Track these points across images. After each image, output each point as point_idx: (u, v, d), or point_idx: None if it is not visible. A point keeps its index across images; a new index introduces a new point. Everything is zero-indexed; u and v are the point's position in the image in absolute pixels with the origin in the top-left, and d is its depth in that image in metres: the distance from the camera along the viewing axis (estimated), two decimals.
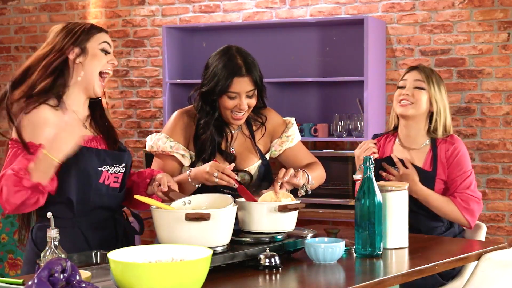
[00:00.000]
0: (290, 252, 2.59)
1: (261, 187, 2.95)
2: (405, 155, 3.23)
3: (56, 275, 1.77)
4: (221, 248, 2.38)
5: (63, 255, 2.09)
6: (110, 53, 2.64)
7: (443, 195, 3.16)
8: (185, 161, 2.94)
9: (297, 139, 3.10)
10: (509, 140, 4.89)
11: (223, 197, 2.54)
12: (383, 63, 5.11)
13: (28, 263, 2.62)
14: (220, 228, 2.34)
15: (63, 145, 2.32)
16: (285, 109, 5.21)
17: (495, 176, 4.93)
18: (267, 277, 2.34)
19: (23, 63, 2.61)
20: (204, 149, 2.92)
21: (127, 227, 2.73)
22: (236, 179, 2.69)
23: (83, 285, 1.82)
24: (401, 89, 3.24)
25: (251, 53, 2.96)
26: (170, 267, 1.93)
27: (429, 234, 3.13)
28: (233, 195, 2.59)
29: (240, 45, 2.98)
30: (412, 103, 3.19)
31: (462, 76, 4.98)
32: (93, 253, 2.40)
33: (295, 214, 2.62)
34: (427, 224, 3.16)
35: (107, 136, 2.68)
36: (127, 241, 2.68)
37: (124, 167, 2.67)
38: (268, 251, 2.41)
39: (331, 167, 3.13)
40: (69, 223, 2.56)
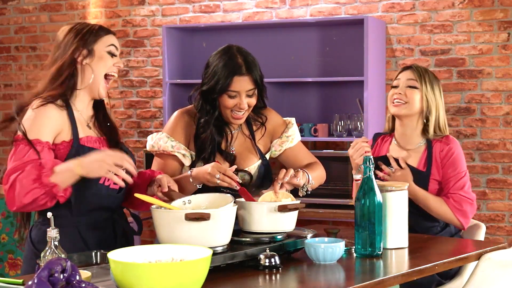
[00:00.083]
0: (290, 252, 2.59)
1: (261, 187, 2.95)
2: (401, 154, 3.24)
3: (56, 275, 1.77)
4: (221, 248, 2.38)
5: (63, 255, 2.10)
6: (116, 56, 2.66)
7: (437, 195, 3.16)
8: (186, 161, 2.94)
9: (297, 139, 3.10)
10: (509, 140, 4.89)
11: (223, 196, 2.54)
12: (383, 63, 5.11)
13: (27, 262, 2.63)
14: (220, 228, 2.34)
15: (95, 168, 2.41)
16: (285, 109, 5.21)
17: (495, 176, 4.93)
18: (267, 277, 2.34)
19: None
20: (204, 148, 2.92)
21: (125, 228, 2.73)
22: (237, 181, 2.69)
23: (83, 285, 1.82)
24: (395, 88, 3.25)
25: (251, 53, 2.96)
26: (170, 267, 1.93)
27: (424, 234, 3.13)
28: (233, 195, 2.59)
29: (240, 45, 2.98)
30: (405, 103, 3.20)
31: (462, 76, 4.98)
32: (93, 253, 2.40)
33: (295, 214, 2.62)
34: (423, 224, 3.16)
35: (109, 137, 2.69)
36: (126, 242, 2.68)
37: (124, 169, 2.67)
38: (268, 251, 2.41)
39: (331, 167, 3.13)
40: (67, 223, 2.56)
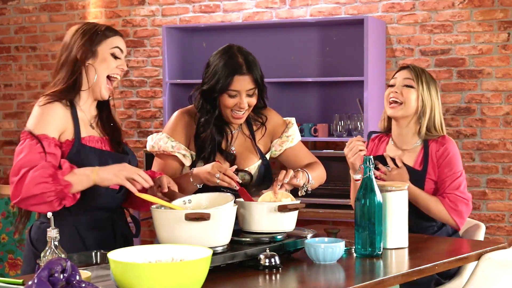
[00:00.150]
0: (290, 252, 2.59)
1: (261, 187, 2.94)
2: (397, 154, 3.24)
3: (56, 275, 1.77)
4: (221, 248, 2.38)
5: (63, 255, 2.10)
6: (120, 59, 2.67)
7: (433, 195, 3.16)
8: (186, 161, 2.94)
9: (297, 139, 3.10)
10: (509, 140, 4.89)
11: (223, 196, 2.54)
12: (383, 63, 5.11)
13: (26, 262, 2.65)
14: (220, 228, 2.34)
15: (111, 176, 2.45)
16: (285, 109, 5.21)
17: (495, 176, 4.93)
18: (267, 277, 2.34)
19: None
20: (204, 147, 2.92)
21: (124, 229, 2.73)
22: (237, 181, 2.69)
23: (83, 285, 1.82)
24: (391, 87, 3.24)
25: (251, 53, 2.96)
26: (170, 267, 1.93)
27: (421, 234, 3.12)
28: (234, 194, 2.59)
29: (240, 45, 2.98)
30: (401, 103, 3.19)
31: (462, 76, 4.98)
32: (93, 253, 2.39)
33: (295, 214, 2.62)
34: (419, 224, 3.15)
35: (112, 137, 2.70)
36: (125, 242, 2.69)
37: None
38: (268, 251, 2.41)
39: (331, 167, 3.13)
40: (66, 222, 2.57)
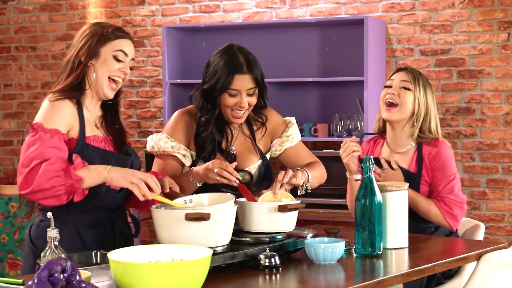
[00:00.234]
0: (290, 252, 2.59)
1: (261, 187, 2.94)
2: (392, 157, 3.23)
3: (56, 275, 1.78)
4: (221, 248, 2.38)
5: (63, 255, 2.10)
6: (123, 62, 2.67)
7: (428, 197, 3.16)
8: (186, 161, 2.94)
9: (297, 139, 3.10)
10: (509, 140, 4.89)
11: (224, 196, 2.54)
12: (383, 63, 5.11)
13: (26, 260, 2.67)
14: (220, 228, 2.34)
15: (120, 178, 2.46)
16: (285, 109, 5.21)
17: (495, 176, 4.93)
18: (267, 277, 2.34)
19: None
20: (204, 147, 2.92)
21: (123, 229, 2.73)
22: (237, 178, 2.69)
23: (83, 285, 1.82)
24: (388, 88, 3.23)
25: (252, 52, 2.96)
26: (170, 267, 1.93)
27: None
28: (234, 194, 2.59)
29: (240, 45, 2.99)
30: (397, 105, 3.18)
31: (462, 76, 4.98)
32: (93, 253, 2.40)
33: (295, 214, 2.62)
34: (416, 225, 3.14)
35: (116, 138, 2.71)
36: (125, 242, 2.69)
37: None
38: (268, 251, 2.41)
39: (331, 167, 3.12)
40: (65, 221, 2.58)
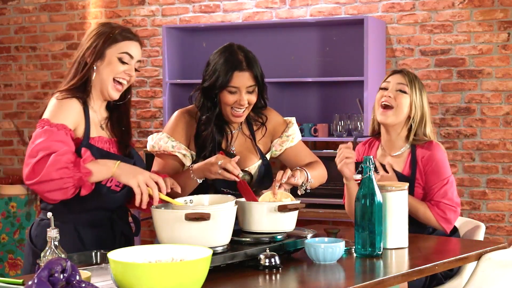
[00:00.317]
0: (290, 252, 2.59)
1: (262, 187, 2.95)
2: (387, 159, 3.22)
3: (56, 275, 1.78)
4: (221, 248, 2.38)
5: (63, 255, 2.10)
6: (128, 64, 2.67)
7: (422, 200, 3.15)
8: (187, 161, 2.94)
9: (297, 139, 3.10)
10: (509, 140, 4.89)
11: (224, 197, 2.54)
12: (383, 63, 5.11)
13: (26, 259, 2.68)
14: (220, 228, 2.34)
15: (129, 175, 2.47)
16: (285, 109, 5.21)
17: (495, 176, 4.93)
18: (267, 277, 2.34)
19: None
20: (205, 146, 2.92)
21: (124, 229, 2.73)
22: (238, 174, 2.70)
23: (83, 285, 1.82)
24: (383, 90, 3.21)
25: (251, 51, 2.96)
26: (170, 267, 1.93)
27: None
28: (234, 195, 2.59)
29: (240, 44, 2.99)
30: (392, 108, 3.16)
31: (462, 76, 4.98)
32: (93, 253, 2.40)
33: (295, 214, 2.62)
34: (413, 228, 3.13)
35: (120, 139, 2.71)
36: (126, 241, 2.69)
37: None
38: (268, 251, 2.41)
39: (331, 167, 3.11)
40: (64, 220, 2.58)
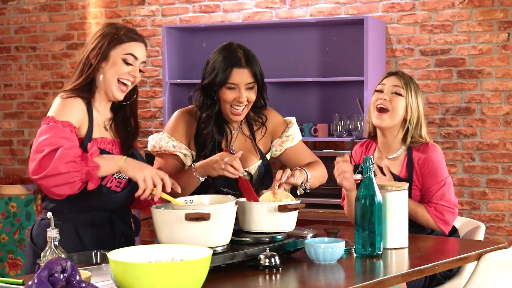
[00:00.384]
0: (290, 252, 2.59)
1: (261, 187, 2.95)
2: (384, 162, 3.22)
3: (56, 275, 1.78)
4: (221, 248, 2.38)
5: (63, 255, 2.10)
6: (132, 65, 2.67)
7: (420, 202, 3.14)
8: (187, 161, 2.94)
9: (297, 139, 3.10)
10: (509, 140, 4.89)
11: (224, 197, 2.55)
12: (383, 63, 5.11)
13: (27, 259, 2.68)
14: (220, 228, 2.34)
15: (136, 169, 2.50)
16: (285, 109, 5.21)
17: (495, 176, 4.93)
18: (267, 277, 2.34)
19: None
20: (205, 145, 2.93)
21: (124, 228, 2.73)
22: (241, 172, 2.71)
23: (83, 285, 1.82)
24: (379, 93, 3.20)
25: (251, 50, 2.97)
26: (170, 267, 1.93)
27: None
28: (234, 195, 2.59)
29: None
30: (388, 111, 3.15)
31: (462, 76, 4.98)
32: (93, 253, 2.40)
33: (295, 214, 2.62)
34: (411, 229, 3.12)
35: (124, 140, 2.72)
36: (127, 242, 2.69)
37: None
38: (268, 251, 2.41)
39: (331, 167, 3.11)
40: (64, 220, 2.59)
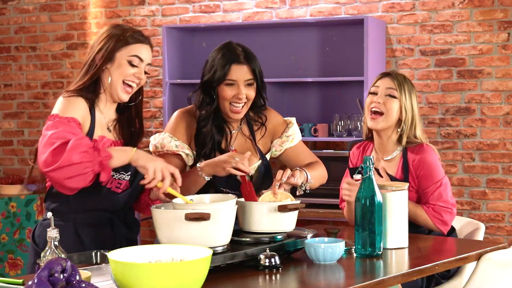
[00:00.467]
0: (290, 252, 2.59)
1: (261, 187, 2.95)
2: (380, 164, 3.21)
3: (56, 275, 1.78)
4: (221, 248, 2.38)
5: (63, 255, 2.10)
6: (137, 67, 2.66)
7: (417, 203, 3.14)
8: (189, 161, 2.95)
9: (297, 139, 3.10)
10: (509, 140, 4.89)
11: (225, 196, 2.54)
12: (383, 63, 5.11)
13: (29, 261, 2.69)
14: (220, 228, 2.34)
15: (147, 159, 2.50)
16: (285, 109, 5.21)
17: (495, 176, 4.93)
18: (267, 277, 2.34)
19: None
20: (205, 143, 2.93)
21: (125, 231, 2.73)
22: (247, 171, 2.72)
23: (83, 285, 1.82)
24: (373, 95, 3.19)
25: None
26: (170, 267, 1.93)
27: None
28: (236, 195, 2.58)
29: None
30: (382, 114, 3.15)
31: (462, 76, 4.98)
32: (93, 253, 2.40)
33: (295, 214, 2.62)
34: (409, 230, 3.12)
35: (128, 141, 2.71)
36: (127, 243, 2.69)
37: (130, 175, 2.69)
38: (268, 251, 2.41)
39: (331, 167, 3.12)
40: (65, 220, 2.60)
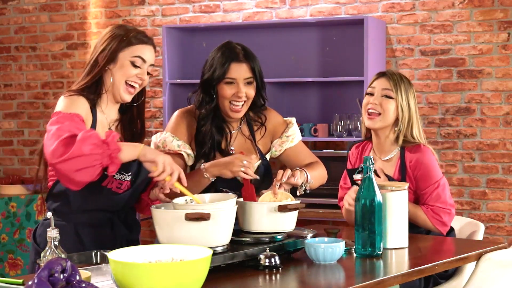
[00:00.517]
0: (290, 252, 2.59)
1: (261, 187, 2.95)
2: (378, 164, 3.21)
3: (56, 275, 1.78)
4: (221, 248, 2.38)
5: (63, 255, 2.10)
6: (140, 68, 2.66)
7: (415, 203, 3.13)
8: (189, 161, 2.95)
9: (297, 139, 3.10)
10: (509, 140, 4.89)
11: (226, 196, 2.54)
12: (383, 63, 5.11)
13: (31, 261, 2.69)
14: (220, 228, 2.34)
15: (155, 154, 2.47)
16: (285, 109, 5.21)
17: (495, 176, 4.93)
18: (267, 277, 2.34)
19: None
20: (204, 142, 2.93)
21: (124, 230, 2.73)
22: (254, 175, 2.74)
23: (83, 285, 1.82)
24: (369, 96, 3.19)
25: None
26: (170, 267, 1.93)
27: None
28: (236, 195, 2.58)
29: None
30: (379, 114, 3.14)
31: (462, 76, 4.98)
32: (93, 253, 2.40)
33: (295, 214, 2.62)
34: (409, 230, 3.12)
35: (130, 141, 2.72)
36: (128, 243, 2.68)
37: (130, 175, 2.68)
38: (268, 251, 2.41)
39: (331, 167, 3.12)
40: (65, 219, 2.61)
